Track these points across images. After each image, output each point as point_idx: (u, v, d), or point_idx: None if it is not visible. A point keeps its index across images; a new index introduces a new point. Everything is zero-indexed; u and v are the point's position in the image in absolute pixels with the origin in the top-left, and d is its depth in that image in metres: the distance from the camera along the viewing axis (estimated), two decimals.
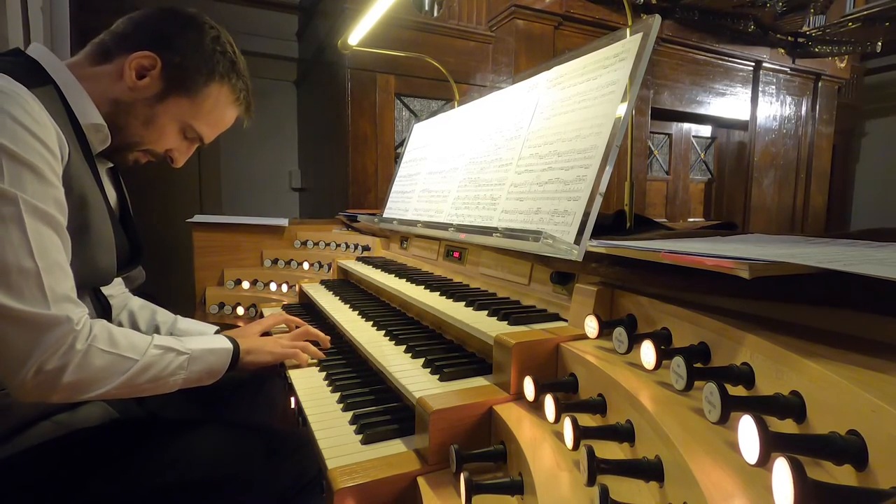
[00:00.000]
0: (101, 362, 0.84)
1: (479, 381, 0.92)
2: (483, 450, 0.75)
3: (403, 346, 1.12)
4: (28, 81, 0.84)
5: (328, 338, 1.32)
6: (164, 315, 1.35)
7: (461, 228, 1.35)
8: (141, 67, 0.97)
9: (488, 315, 1.07)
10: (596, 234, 0.98)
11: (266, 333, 1.37)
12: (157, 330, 1.31)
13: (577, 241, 0.96)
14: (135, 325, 1.31)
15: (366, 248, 2.27)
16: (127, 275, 1.37)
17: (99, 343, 0.84)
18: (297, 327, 1.38)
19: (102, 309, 1.11)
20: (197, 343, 1.02)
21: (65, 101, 0.92)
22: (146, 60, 0.97)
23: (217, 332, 1.34)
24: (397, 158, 2.66)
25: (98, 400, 1.03)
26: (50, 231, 0.80)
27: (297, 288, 2.03)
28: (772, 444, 0.44)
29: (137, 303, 1.34)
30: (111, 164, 1.12)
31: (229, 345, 1.08)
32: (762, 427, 0.44)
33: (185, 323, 1.35)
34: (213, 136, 1.13)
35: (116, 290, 1.31)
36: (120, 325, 1.28)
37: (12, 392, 0.80)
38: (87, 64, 0.99)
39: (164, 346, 0.95)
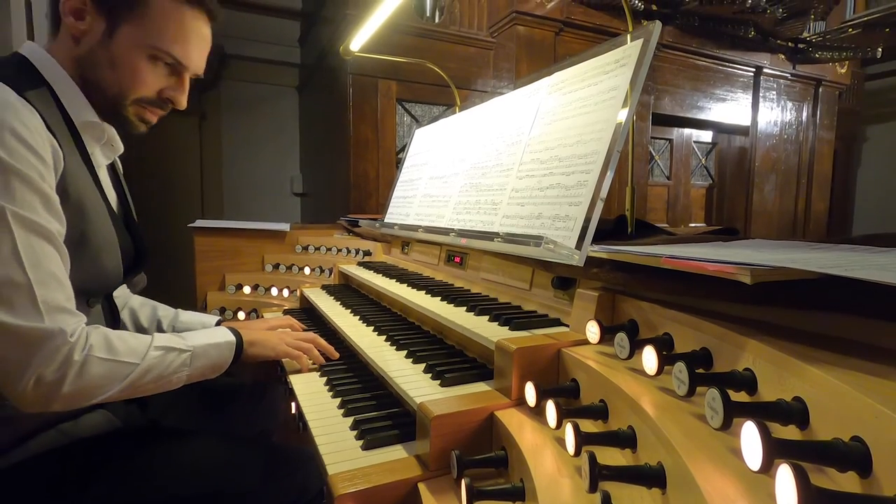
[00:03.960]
0: (99, 370, 0.83)
1: (481, 387, 0.92)
2: (484, 456, 0.75)
3: (404, 352, 1.11)
4: (21, 85, 0.84)
5: (338, 354, 1.27)
6: (165, 310, 1.34)
7: (462, 233, 1.35)
8: (74, 11, 0.92)
9: (489, 320, 1.07)
10: (597, 240, 0.98)
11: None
12: (159, 324, 1.30)
13: (579, 246, 0.96)
14: (136, 322, 1.30)
15: (367, 253, 2.27)
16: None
17: (96, 352, 0.83)
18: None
19: (112, 317, 1.11)
20: (199, 338, 1.01)
21: (59, 101, 0.92)
22: (75, 1, 0.92)
23: (218, 323, 1.34)
24: (398, 164, 2.66)
25: (102, 404, 1.04)
26: (42, 241, 0.79)
27: (298, 293, 2.03)
28: (775, 450, 0.44)
29: (137, 300, 1.34)
30: (109, 163, 1.10)
31: (232, 337, 1.06)
32: (765, 433, 0.44)
33: (186, 315, 1.34)
34: (192, 55, 1.02)
35: (119, 291, 1.31)
36: (122, 323, 1.27)
37: (14, 403, 0.79)
38: (52, 41, 0.96)
39: (164, 346, 0.94)
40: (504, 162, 1.39)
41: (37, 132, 0.81)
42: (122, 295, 1.32)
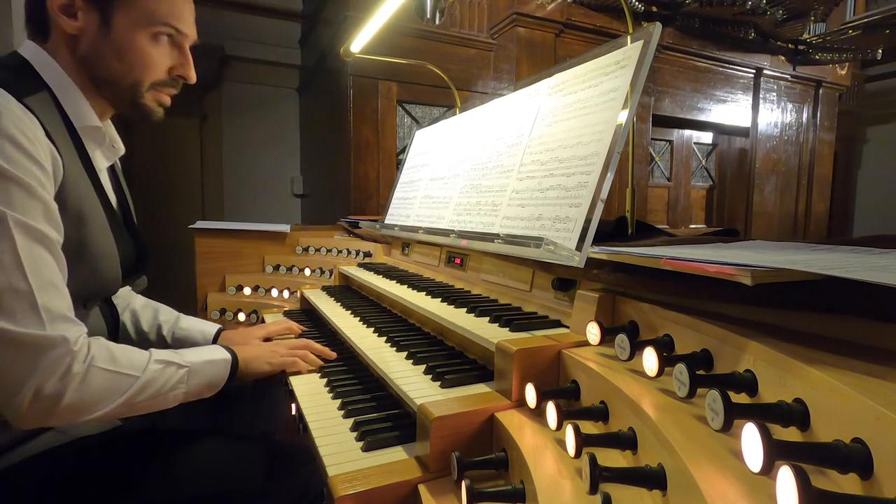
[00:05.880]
0: (101, 382, 0.83)
1: (481, 388, 0.92)
2: (484, 457, 0.75)
3: (405, 353, 1.11)
4: (21, 89, 0.83)
5: (334, 354, 1.28)
6: (166, 314, 1.34)
7: (462, 235, 1.35)
8: (64, 8, 0.90)
9: (490, 321, 1.07)
10: (597, 241, 0.98)
11: (267, 339, 1.37)
12: (159, 329, 1.30)
13: (579, 247, 0.96)
14: (137, 325, 1.30)
15: (367, 255, 2.27)
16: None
17: (98, 362, 0.83)
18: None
19: (112, 318, 1.11)
20: (196, 355, 1.01)
21: (60, 105, 0.91)
22: None
23: (219, 331, 1.34)
24: (399, 165, 2.66)
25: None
26: (42, 249, 0.78)
27: (298, 294, 2.03)
28: (775, 452, 0.44)
29: (140, 302, 1.34)
30: (110, 164, 1.09)
31: (228, 355, 1.06)
32: (766, 435, 0.44)
33: (187, 321, 1.34)
34: (188, 21, 1.00)
35: (121, 291, 1.31)
36: (123, 325, 1.27)
37: (9, 419, 0.77)
38: (47, 44, 0.94)
39: (163, 360, 0.93)
40: (504, 163, 1.39)
41: (36, 140, 0.80)
42: (125, 296, 1.32)
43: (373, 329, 1.33)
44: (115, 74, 0.95)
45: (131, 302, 1.32)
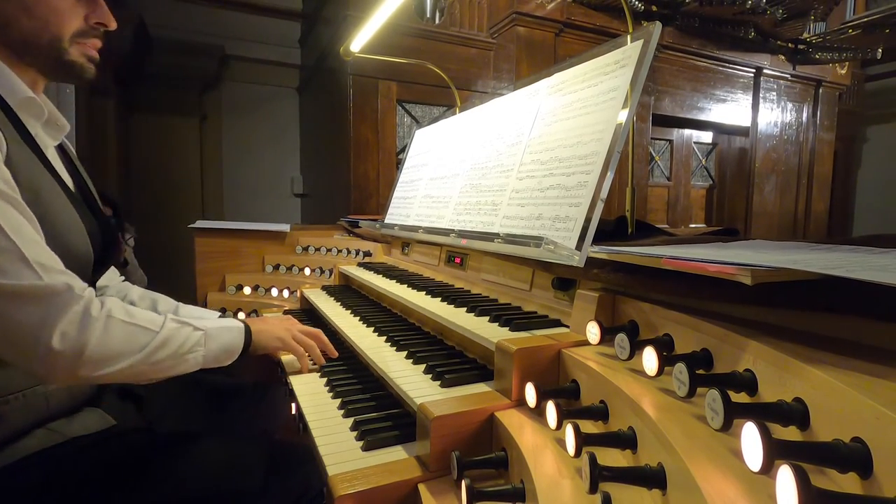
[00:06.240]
0: (120, 333, 0.83)
1: (481, 388, 0.92)
2: (484, 456, 0.75)
3: (405, 352, 1.11)
4: None
5: (337, 353, 1.28)
6: (165, 304, 1.33)
7: (462, 234, 1.35)
8: None
9: (489, 321, 1.07)
10: (597, 240, 0.98)
11: None
12: None
13: (579, 246, 0.96)
14: None
15: (367, 254, 2.27)
16: (127, 279, 1.38)
17: (116, 314, 0.83)
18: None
19: None
20: (210, 322, 1.01)
21: None
22: None
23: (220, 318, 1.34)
24: (399, 164, 2.66)
25: (97, 402, 1.02)
26: (13, 210, 0.77)
27: (298, 293, 2.03)
28: (775, 451, 0.44)
29: (137, 292, 1.33)
30: (58, 143, 1.06)
31: (241, 324, 1.07)
32: (765, 434, 0.44)
33: (186, 310, 1.34)
34: None
35: (113, 281, 1.30)
36: None
37: (42, 372, 0.77)
38: None
39: (179, 321, 0.94)
40: (504, 163, 1.39)
41: None
42: (121, 287, 1.31)
43: (373, 328, 1.33)
44: (30, 33, 0.90)
45: (128, 293, 1.31)
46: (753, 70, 4.11)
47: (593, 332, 0.85)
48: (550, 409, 0.73)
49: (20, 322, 0.74)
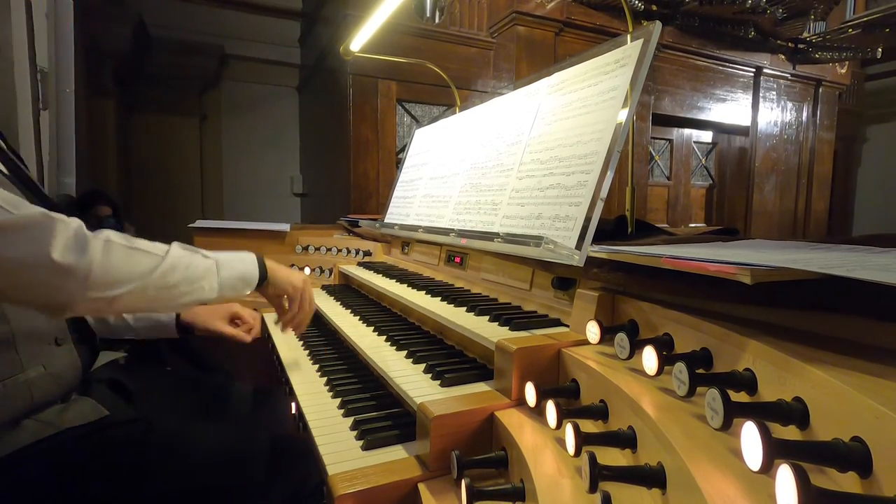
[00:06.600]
0: (123, 256, 0.80)
1: (481, 387, 0.92)
2: (484, 456, 0.75)
3: (404, 352, 1.11)
4: None
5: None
6: None
7: (462, 234, 1.35)
8: None
9: (489, 320, 1.07)
10: (597, 240, 0.98)
11: (232, 320, 1.45)
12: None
13: (579, 246, 0.96)
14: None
15: (367, 254, 2.27)
16: None
17: (116, 239, 0.80)
18: None
19: (89, 355, 1.08)
20: (221, 253, 0.98)
21: None
22: None
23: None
24: (399, 164, 2.66)
25: (87, 392, 1.00)
26: None
27: None
28: (775, 450, 0.44)
29: None
30: None
31: (253, 254, 1.05)
32: (765, 433, 0.44)
33: None
34: None
35: None
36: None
37: (58, 299, 0.74)
38: None
39: (187, 248, 0.91)
40: (504, 162, 1.39)
41: None
42: None
43: (372, 328, 1.33)
44: None
45: None
46: (753, 69, 4.11)
47: (593, 331, 0.85)
48: (550, 409, 0.73)
49: (14, 258, 0.71)
